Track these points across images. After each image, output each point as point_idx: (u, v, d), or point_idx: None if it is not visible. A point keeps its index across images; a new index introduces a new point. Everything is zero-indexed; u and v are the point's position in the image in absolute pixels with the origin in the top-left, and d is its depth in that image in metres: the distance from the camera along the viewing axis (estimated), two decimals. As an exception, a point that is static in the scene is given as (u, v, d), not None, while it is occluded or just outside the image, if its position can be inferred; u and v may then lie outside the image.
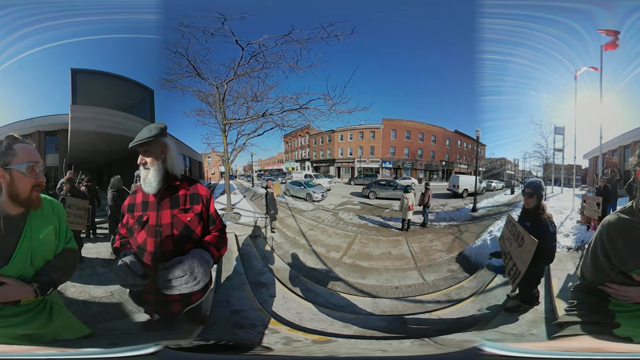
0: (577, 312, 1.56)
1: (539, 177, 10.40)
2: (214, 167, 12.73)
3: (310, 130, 12.72)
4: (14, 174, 1.45)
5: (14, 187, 1.46)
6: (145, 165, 1.97)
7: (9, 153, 1.45)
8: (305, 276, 5.25)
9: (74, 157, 7.18)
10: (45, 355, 1.42)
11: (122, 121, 7.24)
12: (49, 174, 6.82)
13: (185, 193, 2.03)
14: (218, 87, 7.82)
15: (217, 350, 2.07)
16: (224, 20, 6.42)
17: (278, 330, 3.04)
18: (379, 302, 4.35)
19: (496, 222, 7.39)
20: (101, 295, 3.47)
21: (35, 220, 1.56)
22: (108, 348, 1.65)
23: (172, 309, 2.13)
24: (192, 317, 2.76)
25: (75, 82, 6.94)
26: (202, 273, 1.78)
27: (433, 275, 5.35)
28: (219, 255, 2.03)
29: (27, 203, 1.51)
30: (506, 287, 3.88)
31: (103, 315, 3.09)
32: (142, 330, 2.66)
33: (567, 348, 1.40)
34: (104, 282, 3.70)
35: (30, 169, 1.48)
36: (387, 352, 2.29)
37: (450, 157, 12.11)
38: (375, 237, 7.36)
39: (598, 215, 5.41)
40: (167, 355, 1.68)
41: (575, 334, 1.46)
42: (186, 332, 2.58)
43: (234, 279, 4.29)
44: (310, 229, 7.99)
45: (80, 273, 4.05)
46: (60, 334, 1.70)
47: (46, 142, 7.41)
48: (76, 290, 3.53)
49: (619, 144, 8.89)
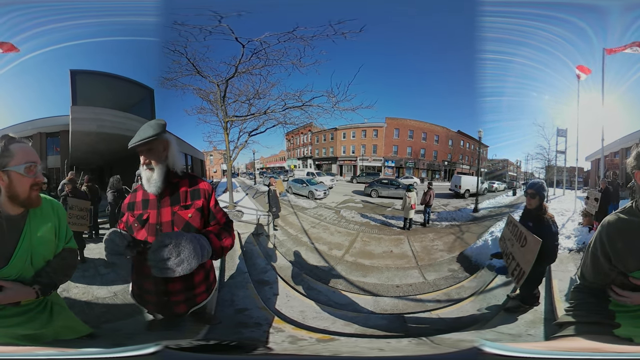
0: (577, 313, 1.56)
1: (541, 179, 10.34)
2: (216, 165, 12.75)
3: (312, 128, 12.68)
4: (12, 176, 1.44)
5: (12, 189, 1.46)
6: (149, 166, 1.90)
7: (5, 154, 1.44)
8: (308, 274, 5.28)
9: (75, 158, 7.21)
10: (46, 355, 1.43)
11: (123, 121, 7.25)
12: (51, 176, 6.86)
13: (186, 190, 1.98)
14: (219, 84, 7.77)
15: (218, 350, 2.07)
16: (220, 18, 6.36)
17: (283, 328, 3.05)
18: (380, 300, 4.38)
19: (497, 222, 7.40)
20: (104, 295, 3.49)
21: (35, 220, 1.56)
22: (108, 348, 1.65)
23: (175, 310, 2.08)
24: (197, 317, 2.78)
25: (75, 83, 6.96)
26: (189, 251, 1.54)
27: (434, 275, 5.38)
28: (221, 247, 1.83)
29: (27, 203, 1.52)
30: (506, 287, 3.89)
31: (106, 316, 3.11)
32: (146, 330, 2.67)
33: (567, 348, 1.40)
34: (107, 282, 3.72)
35: (28, 169, 1.47)
36: (384, 351, 2.29)
37: (452, 157, 12.08)
38: (377, 236, 7.38)
39: (595, 211, 5.48)
40: (168, 355, 1.67)
41: (576, 334, 1.46)
42: (192, 332, 2.58)
43: (238, 278, 4.31)
44: (313, 226, 8.01)
45: (83, 274, 4.07)
46: (62, 334, 1.71)
47: (47, 143, 7.44)
48: (79, 291, 3.55)
49: (620, 146, 8.86)
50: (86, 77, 7.11)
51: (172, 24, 6.26)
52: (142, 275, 2.04)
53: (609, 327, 1.43)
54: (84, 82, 7.07)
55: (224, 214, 2.10)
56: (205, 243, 1.70)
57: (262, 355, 2.28)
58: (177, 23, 6.33)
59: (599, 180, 5.85)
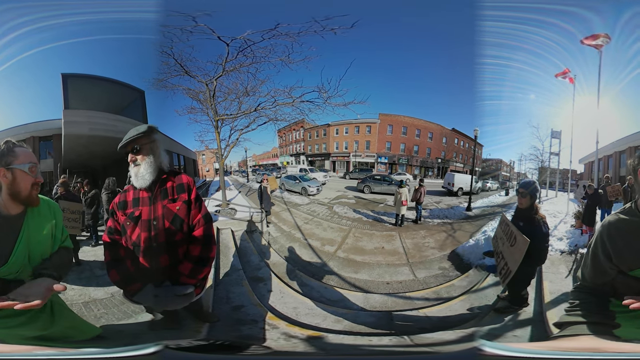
0: (578, 312, 1.56)
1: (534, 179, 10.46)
2: (209, 164, 12.69)
3: (304, 124, 12.64)
4: (16, 173, 1.53)
5: (16, 186, 1.54)
6: (136, 162, 2.05)
7: (10, 154, 1.54)
8: (301, 270, 5.34)
9: (68, 161, 7.16)
10: (46, 355, 1.47)
11: (115, 123, 7.20)
12: (45, 179, 6.67)
13: (172, 184, 2.14)
14: (207, 84, 7.74)
15: (217, 350, 2.14)
16: (193, 18, 6.27)
17: (277, 325, 3.13)
18: (370, 297, 4.45)
19: (490, 222, 7.42)
20: (102, 296, 3.52)
21: (33, 220, 1.63)
22: (108, 348, 1.70)
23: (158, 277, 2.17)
24: (196, 315, 2.86)
25: (67, 86, 6.87)
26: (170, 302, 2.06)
27: (424, 272, 5.39)
28: (198, 279, 2.16)
29: (28, 200, 1.59)
30: (497, 287, 3.87)
31: (106, 317, 3.15)
32: (147, 330, 2.74)
33: (567, 348, 1.40)
34: (103, 284, 3.73)
35: (30, 169, 1.58)
36: (365, 348, 2.36)
37: (446, 154, 12.10)
38: (369, 232, 7.43)
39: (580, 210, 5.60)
40: (168, 355, 1.74)
41: (576, 334, 1.47)
42: (192, 331, 2.66)
43: (232, 275, 4.38)
44: (306, 222, 8.07)
45: (79, 276, 4.09)
46: (70, 335, 1.77)
47: (40, 147, 7.37)
48: (75, 293, 3.57)
49: (614, 150, 8.91)
50: (78, 81, 7.02)
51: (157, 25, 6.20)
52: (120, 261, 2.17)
53: (609, 327, 1.44)
54: (76, 86, 6.97)
55: (202, 206, 2.23)
56: (180, 289, 2.07)
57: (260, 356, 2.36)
58: (159, 24, 6.23)
59: (589, 185, 5.96)
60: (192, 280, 2.10)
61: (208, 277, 2.47)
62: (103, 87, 7.40)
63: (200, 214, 2.18)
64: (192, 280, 2.10)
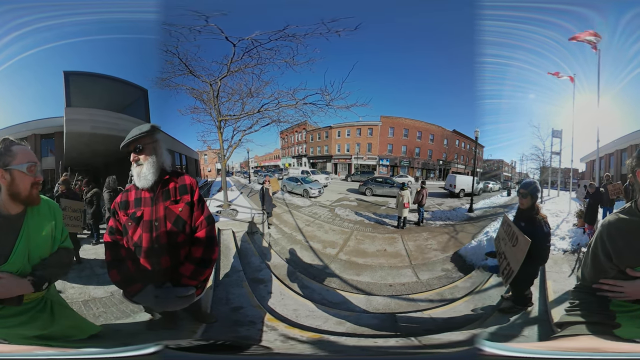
0: (578, 312, 1.55)
1: (535, 179, 10.43)
2: (211, 165, 12.71)
3: (307, 126, 12.69)
4: (14, 174, 1.51)
5: (15, 187, 1.51)
6: (138, 162, 2.03)
7: (8, 154, 1.51)
8: (302, 272, 5.31)
9: (69, 159, 7.15)
10: (45, 355, 1.46)
11: (117, 122, 7.18)
12: (46, 178, 6.72)
13: (175, 185, 2.11)
14: (212, 84, 7.77)
15: (217, 350, 2.11)
16: (207, 18, 6.31)
17: (276, 327, 3.09)
18: (372, 299, 4.41)
19: (492, 222, 7.39)
20: (102, 295, 3.50)
21: (33, 220, 1.61)
22: (109, 348, 1.68)
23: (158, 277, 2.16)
24: (194, 315, 2.83)
25: (69, 84, 6.87)
26: (170, 304, 2.06)
27: (427, 274, 5.38)
28: (200, 281, 2.15)
29: (28, 200, 1.57)
30: (501, 288, 3.86)
31: (104, 316, 3.13)
32: (146, 329, 2.71)
33: (568, 348, 1.39)
34: (103, 282, 3.70)
35: (29, 168, 1.54)
36: (370, 350, 2.33)
37: (447, 156, 12.12)
38: (371, 234, 7.41)
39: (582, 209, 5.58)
40: (167, 355, 1.71)
41: (576, 334, 1.46)
42: (189, 331, 2.63)
43: (233, 276, 4.35)
44: (307, 224, 8.05)
45: (79, 274, 4.07)
46: (70, 334, 1.76)
47: (42, 145, 7.37)
48: (75, 292, 3.56)
49: (615, 148, 8.90)
50: (80, 79, 7.02)
51: (162, 24, 6.23)
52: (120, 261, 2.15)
53: (610, 327, 1.43)
54: (78, 84, 6.98)
55: (205, 209, 2.22)
56: (181, 290, 2.06)
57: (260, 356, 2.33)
58: (166, 23, 6.30)
59: (591, 184, 5.95)
60: (194, 282, 2.09)
61: (208, 280, 2.44)
62: (105, 85, 7.40)
63: (203, 216, 2.16)
64: (194, 282, 2.09)
